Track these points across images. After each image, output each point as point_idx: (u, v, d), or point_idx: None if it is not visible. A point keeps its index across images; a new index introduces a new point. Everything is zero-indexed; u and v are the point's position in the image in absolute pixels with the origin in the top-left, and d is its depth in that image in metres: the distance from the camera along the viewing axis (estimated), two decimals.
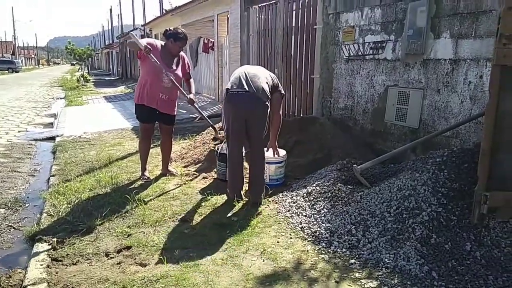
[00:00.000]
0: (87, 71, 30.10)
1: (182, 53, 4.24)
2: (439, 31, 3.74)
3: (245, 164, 3.77)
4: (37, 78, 30.44)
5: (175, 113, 4.33)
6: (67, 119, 9.01)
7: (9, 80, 27.08)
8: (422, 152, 3.87)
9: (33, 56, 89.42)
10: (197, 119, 7.74)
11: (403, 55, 4.15)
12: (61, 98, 14.76)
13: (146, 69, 4.05)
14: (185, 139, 6.06)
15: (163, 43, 4.13)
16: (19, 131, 7.82)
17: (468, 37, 3.47)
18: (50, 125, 8.74)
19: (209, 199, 3.67)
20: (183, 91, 4.17)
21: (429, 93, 3.90)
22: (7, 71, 40.48)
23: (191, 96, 4.21)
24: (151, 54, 3.83)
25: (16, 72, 41.89)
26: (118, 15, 36.02)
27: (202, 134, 5.48)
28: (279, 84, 3.71)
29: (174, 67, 4.12)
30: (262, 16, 7.49)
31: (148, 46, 3.83)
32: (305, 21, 6.07)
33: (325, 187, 3.40)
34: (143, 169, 4.40)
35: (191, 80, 4.38)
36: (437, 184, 2.75)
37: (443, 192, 2.70)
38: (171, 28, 4.13)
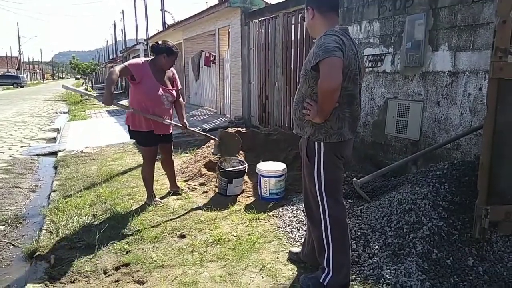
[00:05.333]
0: (90, 86, 30.32)
1: (171, 68, 3.89)
2: (437, 44, 3.75)
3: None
4: (41, 92, 30.73)
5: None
6: (69, 134, 9.05)
7: (13, 95, 27.34)
8: (423, 165, 3.85)
9: (38, 71, 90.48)
10: (200, 131, 7.77)
11: (402, 68, 4.16)
12: (64, 113, 14.87)
13: (143, 92, 3.61)
14: (186, 153, 6.06)
15: (147, 59, 3.76)
16: (21, 146, 7.85)
17: (467, 49, 3.47)
18: (53, 140, 8.77)
19: (209, 214, 3.65)
20: (182, 114, 3.92)
21: (429, 105, 3.89)
22: (12, 86, 40.95)
23: (185, 121, 3.97)
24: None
25: (21, 87, 42.36)
26: (122, 30, 36.52)
27: (203, 147, 5.48)
28: None
29: (168, 85, 3.82)
30: (262, 30, 7.57)
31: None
32: (304, 35, 6.12)
33: None
34: (152, 193, 4.01)
35: (181, 100, 4.03)
36: (438, 197, 2.72)
37: (443, 206, 2.67)
38: (159, 42, 3.74)
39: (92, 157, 6.43)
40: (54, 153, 7.05)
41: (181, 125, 3.96)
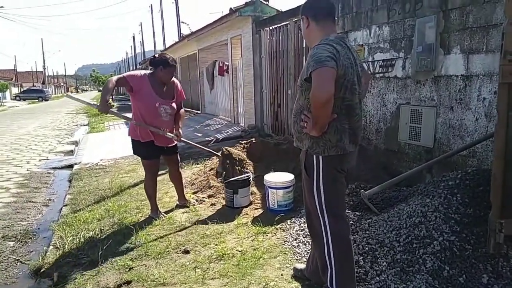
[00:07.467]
0: (111, 97, 30.95)
1: (174, 80, 3.86)
2: (449, 47, 3.59)
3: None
4: (64, 105, 31.52)
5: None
6: (87, 146, 9.19)
7: (38, 108, 28.19)
8: (438, 173, 3.68)
9: (62, 84, 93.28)
10: (212, 142, 7.75)
11: (413, 72, 4.01)
12: (84, 125, 15.16)
13: (139, 103, 3.65)
14: (198, 164, 6.03)
15: (147, 72, 3.76)
16: (40, 160, 8.00)
17: (480, 52, 3.31)
18: (71, 152, 8.91)
19: (215, 228, 3.57)
20: (179, 126, 3.87)
21: (442, 111, 3.72)
22: (37, 100, 42.28)
23: (180, 131, 3.87)
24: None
25: (46, 100, 43.68)
26: (141, 42, 37.26)
27: (212, 159, 5.42)
28: None
29: (168, 97, 3.77)
30: (274, 38, 7.51)
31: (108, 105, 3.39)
32: None
33: None
34: (155, 207, 3.99)
35: (182, 110, 3.98)
36: (450, 210, 2.57)
37: (456, 218, 2.51)
38: (157, 55, 3.77)
39: (105, 169, 6.47)
40: (70, 166, 7.15)
41: (175, 136, 3.86)
